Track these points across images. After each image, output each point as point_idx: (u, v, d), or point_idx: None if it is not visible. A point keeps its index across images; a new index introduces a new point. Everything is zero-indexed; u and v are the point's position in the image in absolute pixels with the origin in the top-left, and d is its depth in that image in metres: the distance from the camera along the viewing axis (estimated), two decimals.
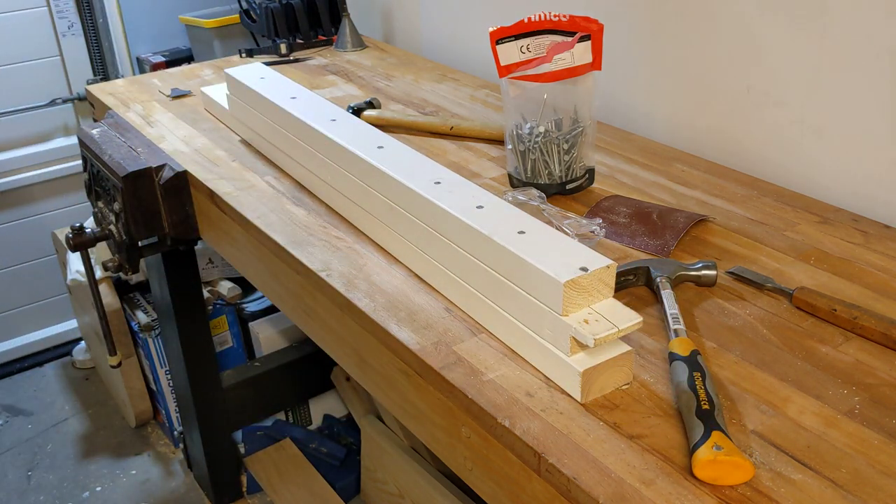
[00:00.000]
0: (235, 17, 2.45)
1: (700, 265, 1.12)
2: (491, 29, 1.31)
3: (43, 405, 2.69)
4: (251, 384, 2.24)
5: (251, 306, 2.39)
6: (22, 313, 2.85)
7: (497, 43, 1.31)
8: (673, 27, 1.59)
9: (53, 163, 2.70)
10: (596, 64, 1.31)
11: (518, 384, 0.94)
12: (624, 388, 0.94)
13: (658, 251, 1.20)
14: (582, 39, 1.29)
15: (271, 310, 2.40)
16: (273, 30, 2.25)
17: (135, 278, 2.42)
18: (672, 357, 0.94)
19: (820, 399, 0.91)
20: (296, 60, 2.18)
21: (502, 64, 1.32)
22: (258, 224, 1.33)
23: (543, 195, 1.30)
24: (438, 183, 1.13)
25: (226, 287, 2.37)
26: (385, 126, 1.63)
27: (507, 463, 0.91)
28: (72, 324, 2.91)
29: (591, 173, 1.39)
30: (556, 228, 1.17)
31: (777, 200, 1.36)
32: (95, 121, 1.97)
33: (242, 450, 2.36)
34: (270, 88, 1.51)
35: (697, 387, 0.87)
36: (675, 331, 0.99)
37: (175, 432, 2.43)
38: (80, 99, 2.68)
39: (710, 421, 0.83)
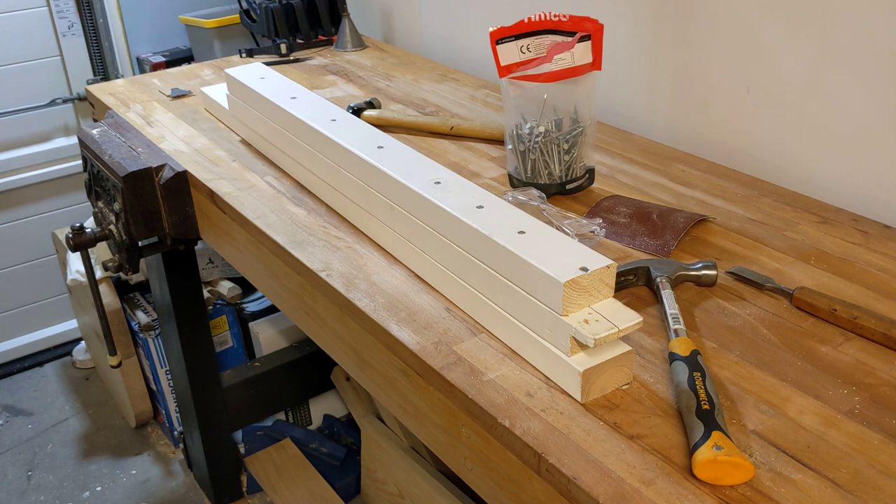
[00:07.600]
0: (235, 17, 2.45)
1: (700, 265, 1.12)
2: (491, 29, 1.31)
3: (43, 405, 2.69)
4: (251, 384, 2.24)
5: (251, 306, 2.40)
6: (22, 313, 2.84)
7: (497, 43, 1.31)
8: (673, 27, 1.59)
9: (53, 163, 2.70)
10: (596, 64, 1.31)
11: (518, 384, 0.94)
12: (624, 388, 0.94)
13: (658, 251, 1.20)
14: (582, 39, 1.29)
15: (271, 310, 2.40)
16: (273, 30, 2.25)
17: (135, 278, 2.42)
18: (672, 357, 0.94)
19: (820, 399, 0.91)
20: (296, 60, 2.18)
21: (502, 64, 1.32)
22: (258, 224, 1.33)
23: (543, 195, 1.30)
24: (438, 183, 1.13)
25: (226, 287, 2.37)
26: (385, 126, 1.63)
27: (507, 463, 0.91)
28: (72, 324, 2.90)
29: (591, 173, 1.39)
30: (556, 228, 1.17)
31: (777, 200, 1.36)
32: (95, 121, 1.96)
33: (242, 450, 2.36)
34: (270, 88, 1.51)
35: (697, 387, 0.87)
36: (675, 331, 0.99)
37: (175, 432, 2.43)
38: (80, 99, 2.68)
39: (710, 421, 0.83)
